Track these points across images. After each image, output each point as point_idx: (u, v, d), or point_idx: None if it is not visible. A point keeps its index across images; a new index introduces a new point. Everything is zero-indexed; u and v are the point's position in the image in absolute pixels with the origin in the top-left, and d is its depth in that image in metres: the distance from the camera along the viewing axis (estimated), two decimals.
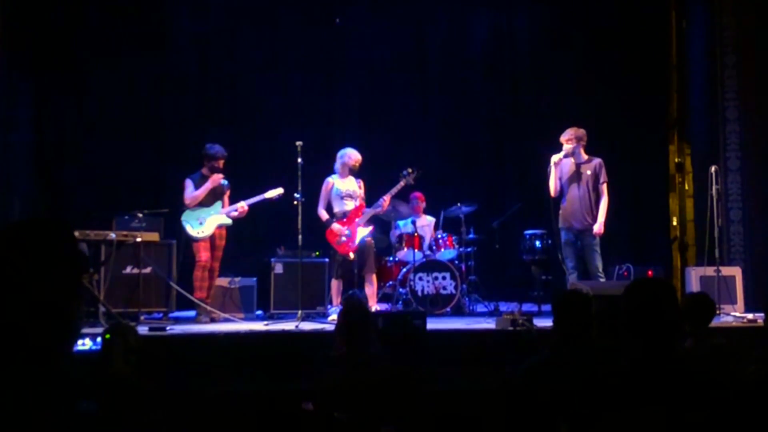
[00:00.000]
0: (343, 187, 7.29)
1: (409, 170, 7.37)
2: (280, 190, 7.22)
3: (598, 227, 7.04)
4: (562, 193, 7.21)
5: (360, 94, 9.60)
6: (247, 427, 3.61)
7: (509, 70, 9.88)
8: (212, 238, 7.12)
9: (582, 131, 7.24)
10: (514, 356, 5.10)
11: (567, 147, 7.17)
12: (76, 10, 8.57)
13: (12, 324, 1.47)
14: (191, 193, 7.11)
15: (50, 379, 1.48)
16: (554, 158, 7.17)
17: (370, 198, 7.45)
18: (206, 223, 7.10)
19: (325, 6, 9.49)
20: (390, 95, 9.62)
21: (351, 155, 7.29)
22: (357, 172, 7.37)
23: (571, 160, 7.19)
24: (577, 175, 7.15)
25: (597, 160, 7.20)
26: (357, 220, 7.23)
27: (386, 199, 7.30)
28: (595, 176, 7.13)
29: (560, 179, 7.20)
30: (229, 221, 7.21)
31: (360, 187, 7.38)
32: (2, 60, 7.78)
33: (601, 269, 7.04)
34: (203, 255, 7.06)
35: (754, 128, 8.38)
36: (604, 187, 7.13)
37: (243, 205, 7.16)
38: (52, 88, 8.53)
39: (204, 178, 7.21)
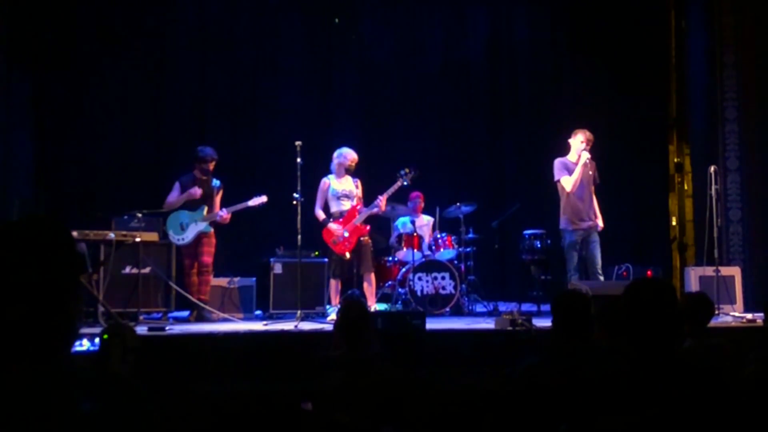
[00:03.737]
0: (340, 187, 7.27)
1: (406, 170, 7.35)
2: (263, 198, 7.25)
3: (601, 222, 7.25)
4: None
5: (359, 94, 9.60)
6: (246, 427, 3.60)
7: (508, 69, 9.87)
8: (197, 242, 7.16)
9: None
10: (513, 356, 5.09)
11: (586, 148, 7.18)
12: (75, 10, 8.57)
13: (9, 324, 1.47)
14: (170, 198, 7.21)
15: (49, 379, 1.48)
16: (587, 158, 7.13)
17: (368, 198, 7.44)
18: (188, 229, 7.15)
19: (324, 5, 9.49)
20: (389, 94, 9.62)
21: (347, 155, 7.27)
22: (354, 172, 7.37)
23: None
24: (584, 176, 7.19)
25: (592, 162, 7.32)
26: (353, 220, 7.22)
27: (382, 199, 7.25)
28: (593, 176, 7.31)
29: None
30: (210, 229, 7.23)
31: (357, 187, 7.36)
32: (2, 60, 7.77)
33: (600, 267, 7.12)
34: (186, 261, 7.18)
35: (754, 128, 8.39)
36: (593, 188, 7.34)
37: (224, 216, 7.20)
38: (52, 87, 8.53)
39: (194, 181, 7.26)
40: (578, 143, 7.18)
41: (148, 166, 8.82)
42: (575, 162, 7.19)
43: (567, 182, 7.14)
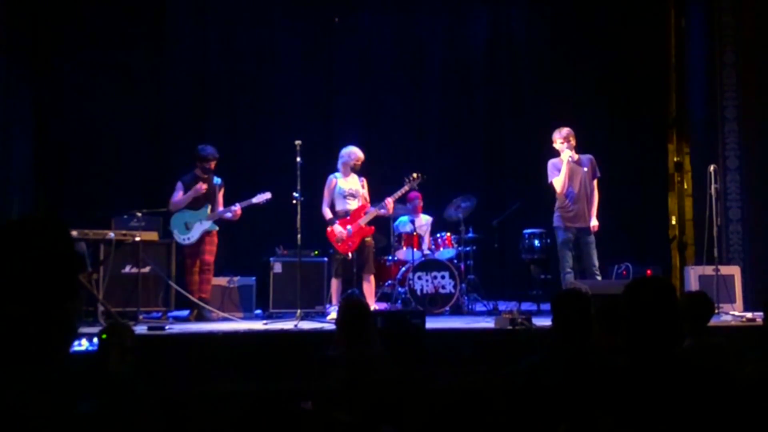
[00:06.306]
0: (346, 185, 7.29)
1: (414, 175, 7.40)
2: (267, 195, 7.28)
3: (596, 222, 7.13)
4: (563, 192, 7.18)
5: (359, 93, 9.60)
6: (245, 426, 3.60)
7: (508, 69, 9.87)
8: (200, 241, 7.17)
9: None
10: (512, 355, 5.09)
11: (567, 146, 7.13)
12: (75, 10, 8.56)
13: (9, 323, 1.46)
14: (176, 198, 7.21)
15: (49, 379, 1.47)
16: (571, 155, 7.08)
17: (372, 197, 7.45)
18: (194, 228, 7.16)
19: (325, 5, 9.49)
20: (389, 94, 9.62)
21: (353, 154, 7.28)
22: (359, 171, 7.38)
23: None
24: (575, 174, 7.16)
25: (589, 156, 7.26)
26: (359, 220, 7.23)
27: (390, 202, 7.29)
28: (592, 172, 7.20)
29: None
30: (215, 228, 7.24)
31: (363, 186, 7.38)
32: (2, 60, 7.76)
33: (597, 267, 7.09)
34: (187, 260, 7.19)
35: (753, 127, 8.38)
36: (596, 183, 7.23)
37: (236, 211, 7.20)
38: (52, 87, 8.52)
39: (196, 180, 7.26)
40: (558, 144, 7.17)
41: (148, 166, 8.82)
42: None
43: (557, 183, 7.14)
